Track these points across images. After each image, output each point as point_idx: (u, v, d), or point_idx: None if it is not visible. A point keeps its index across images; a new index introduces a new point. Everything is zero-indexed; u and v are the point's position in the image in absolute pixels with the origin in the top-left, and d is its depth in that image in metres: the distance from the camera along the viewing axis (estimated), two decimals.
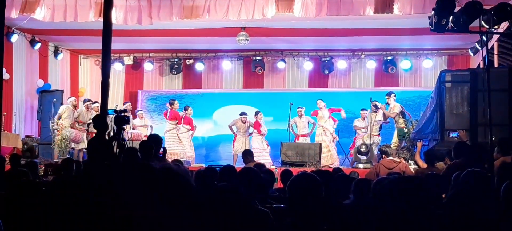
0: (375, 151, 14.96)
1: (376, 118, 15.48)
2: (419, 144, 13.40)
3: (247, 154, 11.41)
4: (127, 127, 8.57)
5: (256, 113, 16.79)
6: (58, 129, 15.12)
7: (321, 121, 16.35)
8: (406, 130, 14.57)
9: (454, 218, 4.26)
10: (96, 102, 15.93)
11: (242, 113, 16.79)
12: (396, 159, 11.09)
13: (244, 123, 16.66)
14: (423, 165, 10.96)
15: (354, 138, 16.29)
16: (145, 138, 11.50)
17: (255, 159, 11.68)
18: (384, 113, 15.37)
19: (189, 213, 1.81)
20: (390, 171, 9.27)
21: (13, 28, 15.57)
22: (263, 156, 15.77)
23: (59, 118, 15.28)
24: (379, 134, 15.71)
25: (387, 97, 15.48)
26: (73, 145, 15.35)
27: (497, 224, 4.19)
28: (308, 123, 16.65)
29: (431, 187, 5.31)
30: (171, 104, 16.86)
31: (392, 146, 14.19)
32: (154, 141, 8.45)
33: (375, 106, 15.50)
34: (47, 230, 4.73)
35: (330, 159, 15.88)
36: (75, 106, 15.79)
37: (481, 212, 4.28)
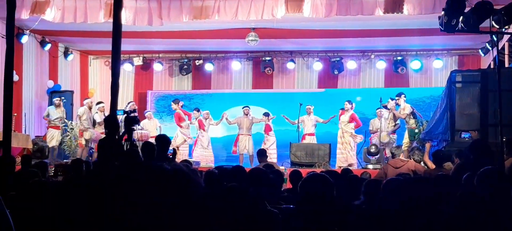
0: (388, 152, 14.89)
1: (386, 116, 15.46)
2: (427, 145, 13.34)
3: (262, 154, 11.66)
4: (136, 127, 8.56)
5: (266, 115, 16.81)
6: (82, 130, 15.45)
7: (342, 124, 16.27)
8: (416, 130, 14.49)
9: (465, 218, 4.23)
10: (101, 102, 16.20)
11: (245, 107, 16.89)
12: (404, 158, 11.04)
13: (247, 115, 16.74)
14: (432, 166, 10.92)
15: (370, 138, 16.20)
16: (152, 139, 11.55)
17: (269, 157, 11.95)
18: (394, 115, 15.29)
19: (198, 214, 1.82)
20: (398, 171, 9.24)
21: (23, 29, 15.62)
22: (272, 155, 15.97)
23: (79, 119, 15.71)
24: (394, 132, 15.60)
25: (397, 98, 15.38)
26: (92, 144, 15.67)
27: (508, 224, 4.16)
28: (317, 122, 16.60)
29: (440, 187, 5.28)
30: (176, 104, 17.08)
31: (403, 146, 14.14)
32: (161, 141, 8.40)
33: (385, 107, 15.45)
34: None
35: (345, 160, 15.84)
36: (90, 108, 15.99)
37: (492, 212, 4.26)
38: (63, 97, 16.41)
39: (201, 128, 16.94)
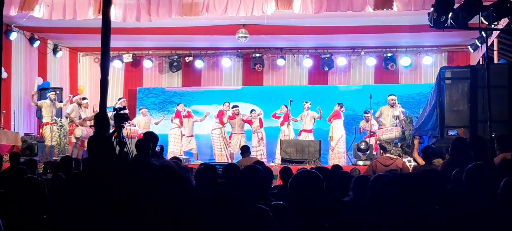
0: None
1: (394, 113, 15.53)
2: (416, 142, 13.39)
3: (246, 150, 12.11)
4: (125, 124, 8.54)
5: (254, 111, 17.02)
6: (68, 129, 15.41)
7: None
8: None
9: (454, 213, 4.24)
10: (84, 98, 16.24)
11: (235, 107, 16.92)
12: (393, 156, 11.07)
13: (238, 115, 16.80)
14: (421, 162, 10.95)
15: (365, 137, 16.22)
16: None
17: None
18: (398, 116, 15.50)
19: (189, 211, 1.81)
20: (387, 169, 9.25)
21: (12, 26, 15.53)
22: (258, 153, 16.13)
23: (68, 117, 15.66)
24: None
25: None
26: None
27: (496, 220, 4.17)
28: (315, 119, 16.65)
29: (429, 183, 5.29)
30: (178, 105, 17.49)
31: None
32: (150, 138, 8.39)
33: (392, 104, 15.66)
34: (47, 228, 4.72)
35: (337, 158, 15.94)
36: (80, 105, 15.91)
37: (480, 208, 4.27)
38: (57, 91, 16.42)
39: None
